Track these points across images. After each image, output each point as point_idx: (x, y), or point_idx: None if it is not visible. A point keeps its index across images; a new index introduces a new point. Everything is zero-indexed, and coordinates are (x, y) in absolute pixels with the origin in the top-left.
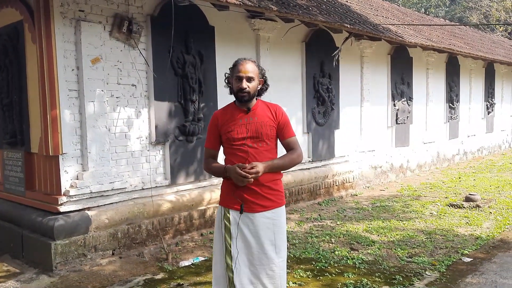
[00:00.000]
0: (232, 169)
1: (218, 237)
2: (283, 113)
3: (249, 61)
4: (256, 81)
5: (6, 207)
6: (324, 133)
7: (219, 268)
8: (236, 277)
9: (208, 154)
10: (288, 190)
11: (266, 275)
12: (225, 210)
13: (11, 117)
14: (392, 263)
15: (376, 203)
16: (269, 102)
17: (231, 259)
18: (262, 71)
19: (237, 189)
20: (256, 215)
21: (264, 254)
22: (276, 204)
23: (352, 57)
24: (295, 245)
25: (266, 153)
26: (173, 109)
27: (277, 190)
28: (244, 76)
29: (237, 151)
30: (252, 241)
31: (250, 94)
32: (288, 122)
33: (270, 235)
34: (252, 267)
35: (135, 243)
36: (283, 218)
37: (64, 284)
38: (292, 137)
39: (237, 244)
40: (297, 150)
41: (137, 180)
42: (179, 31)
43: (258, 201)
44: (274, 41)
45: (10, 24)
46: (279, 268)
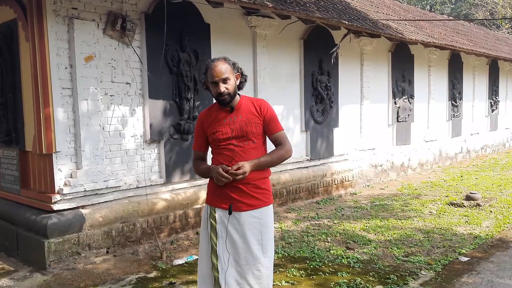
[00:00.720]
0: (214, 169)
1: (204, 236)
2: (268, 107)
3: (219, 61)
4: (232, 79)
5: (1, 206)
6: (322, 131)
7: (204, 267)
8: (222, 277)
9: (196, 156)
10: (286, 188)
11: (253, 275)
12: (211, 209)
13: (6, 116)
14: (388, 262)
15: (375, 202)
16: (253, 97)
17: (216, 259)
18: (235, 65)
19: (223, 188)
20: (243, 214)
21: (250, 254)
22: (263, 203)
23: (351, 54)
24: (290, 244)
25: (253, 151)
26: (168, 107)
27: (265, 188)
28: (219, 80)
29: (223, 150)
30: (239, 241)
31: (231, 95)
32: (275, 117)
33: (257, 235)
34: (238, 267)
35: (130, 241)
36: (271, 217)
37: (57, 282)
38: (280, 132)
39: (223, 243)
40: (286, 145)
41: (132, 179)
42: (173, 29)
43: (244, 199)
44: (271, 38)
45: (4, 23)
46: (265, 268)
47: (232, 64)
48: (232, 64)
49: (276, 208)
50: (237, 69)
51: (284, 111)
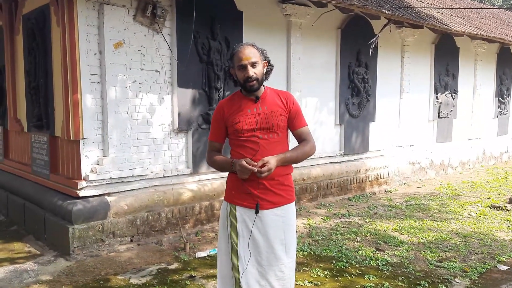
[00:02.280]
0: (237, 163)
1: (224, 235)
2: (294, 101)
3: (247, 45)
4: (260, 65)
5: (32, 189)
6: (358, 126)
7: (224, 268)
8: (243, 278)
9: (212, 147)
10: (317, 183)
11: (275, 276)
12: (231, 206)
13: (38, 101)
14: (419, 267)
15: (411, 201)
16: (278, 89)
17: (237, 259)
18: (263, 52)
19: (245, 184)
20: (265, 212)
21: (273, 254)
22: (286, 201)
23: (391, 45)
24: (317, 241)
25: (277, 145)
26: (197, 96)
27: (288, 185)
28: (248, 63)
29: (246, 143)
30: (261, 240)
31: (259, 81)
32: (300, 111)
33: (280, 234)
34: (260, 268)
35: (154, 230)
36: (293, 215)
37: (79, 269)
38: (305, 127)
39: (245, 243)
40: (310, 142)
41: (159, 168)
42: (205, 16)
43: (267, 197)
44: (306, 27)
45: (37, 8)
46: (288, 269)
47: (260, 50)
48: (260, 51)
49: (305, 203)
50: (265, 57)
51: (318, 103)
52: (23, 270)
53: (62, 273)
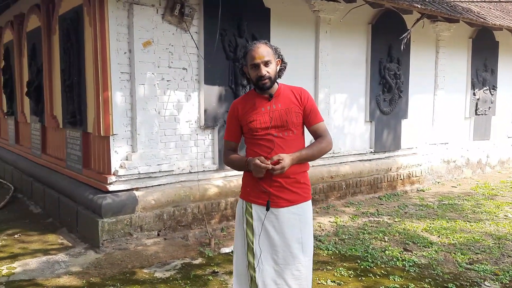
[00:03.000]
0: (251, 161)
1: (240, 233)
2: (308, 96)
3: (260, 44)
4: (273, 64)
5: (66, 183)
6: (389, 123)
7: (240, 266)
8: (259, 276)
9: (228, 146)
10: (345, 181)
11: (292, 275)
12: (247, 204)
13: (72, 98)
14: (448, 269)
15: (444, 200)
16: (292, 86)
17: (253, 257)
18: (277, 50)
19: (261, 182)
20: (281, 210)
21: (289, 253)
22: (302, 199)
23: (425, 40)
24: (343, 240)
25: (292, 142)
26: (223, 93)
27: (304, 183)
28: (261, 62)
29: (261, 141)
30: (277, 239)
31: (272, 80)
32: (315, 107)
33: (296, 233)
34: (276, 267)
35: (181, 225)
36: (310, 213)
37: (107, 261)
38: (320, 123)
39: (260, 241)
40: (326, 137)
41: (185, 164)
42: (232, 14)
43: (283, 195)
44: (335, 23)
45: (72, 8)
46: (305, 268)
47: (274, 48)
48: (274, 49)
49: (333, 201)
50: (278, 55)
51: (347, 99)
52: (55, 261)
53: (91, 265)
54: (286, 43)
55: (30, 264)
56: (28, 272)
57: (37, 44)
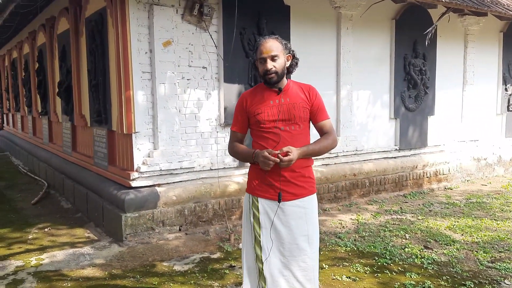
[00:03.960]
0: (259, 154)
1: (247, 226)
2: (316, 93)
3: (270, 39)
4: (282, 59)
5: (93, 179)
6: (415, 119)
7: (249, 259)
8: (266, 268)
9: (234, 137)
10: (369, 179)
11: (298, 267)
12: (254, 198)
13: (98, 97)
14: (468, 267)
15: (472, 198)
16: (301, 82)
17: (260, 250)
18: (287, 45)
19: (267, 176)
20: (287, 203)
21: (296, 245)
22: (307, 192)
23: (453, 35)
24: (363, 237)
25: (299, 137)
26: (243, 91)
27: (309, 177)
28: (267, 56)
29: (267, 134)
30: (283, 231)
31: (278, 74)
32: (322, 104)
33: (302, 225)
34: (283, 258)
35: (202, 221)
36: (315, 207)
37: (129, 254)
38: (326, 120)
39: (267, 234)
40: (332, 135)
41: (206, 161)
42: (251, 12)
43: (289, 189)
44: (357, 19)
45: (97, 11)
46: (311, 260)
47: (284, 44)
48: (283, 44)
49: (356, 199)
50: (289, 50)
51: (370, 96)
52: (80, 254)
53: (114, 257)
54: (307, 40)
55: (57, 256)
56: (55, 264)
57: (66, 46)
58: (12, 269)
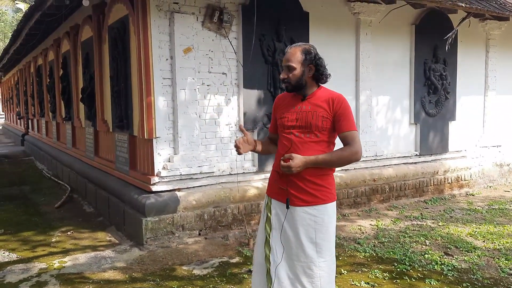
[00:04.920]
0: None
1: (261, 225)
2: (342, 103)
3: (293, 48)
4: (298, 70)
5: (115, 184)
6: (435, 125)
7: (259, 257)
8: (273, 269)
9: (269, 136)
10: (389, 184)
11: (304, 273)
12: (268, 199)
13: (120, 103)
14: (489, 274)
15: (494, 205)
16: (332, 91)
17: (269, 250)
18: (309, 56)
19: (281, 180)
20: (297, 209)
21: (302, 251)
22: (319, 201)
23: (474, 39)
24: (383, 243)
25: (312, 145)
26: (262, 97)
27: (323, 186)
28: (284, 66)
29: (283, 139)
30: (291, 235)
31: (292, 84)
32: (347, 114)
33: (310, 232)
34: (290, 262)
35: (221, 225)
36: (328, 216)
37: (150, 258)
38: (349, 132)
39: (277, 235)
40: (352, 147)
41: (225, 166)
42: (271, 19)
43: (299, 195)
44: (376, 25)
45: (119, 19)
46: (319, 269)
47: (305, 53)
48: (305, 54)
49: (376, 204)
50: (311, 61)
51: (390, 101)
52: (102, 257)
53: (135, 261)
54: (326, 46)
55: (80, 259)
56: (77, 266)
57: (90, 53)
58: (36, 271)
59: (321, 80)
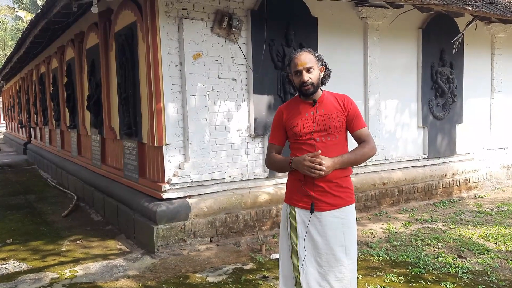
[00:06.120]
0: (298, 160)
1: (284, 236)
2: (351, 103)
3: (303, 51)
4: (316, 70)
5: (124, 192)
6: (443, 128)
7: (286, 268)
8: (303, 278)
9: (272, 149)
10: (398, 188)
11: (335, 277)
12: (291, 208)
13: (128, 110)
14: (504, 276)
15: (503, 207)
16: (336, 93)
17: (297, 259)
18: (320, 57)
19: (304, 186)
20: (324, 214)
21: (332, 256)
22: (345, 202)
23: (480, 43)
24: (395, 247)
25: (335, 147)
26: (272, 102)
27: (347, 187)
28: (303, 68)
29: (304, 145)
30: (320, 241)
31: (314, 85)
32: (358, 113)
33: (339, 235)
34: (320, 269)
35: (233, 232)
36: (353, 217)
37: (162, 266)
38: (363, 129)
39: (304, 244)
40: (370, 143)
41: (236, 172)
42: (280, 24)
43: (325, 199)
44: (384, 29)
45: (127, 25)
46: (349, 271)
47: (316, 56)
48: (316, 56)
49: (386, 208)
50: (322, 62)
51: (398, 105)
52: (113, 266)
53: (147, 269)
54: (334, 51)
55: (91, 268)
56: (89, 275)
57: (95, 60)
58: (48, 281)
59: (327, 80)
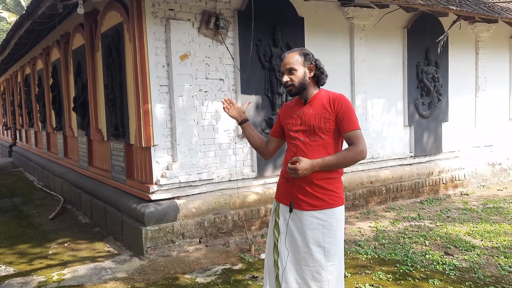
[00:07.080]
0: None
1: (270, 230)
2: (343, 103)
3: (290, 52)
4: (300, 71)
5: (112, 193)
6: (429, 126)
7: (269, 262)
8: (281, 274)
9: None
10: (385, 186)
11: (312, 277)
12: (277, 204)
13: (115, 111)
14: (490, 272)
15: (488, 204)
16: (333, 92)
17: (277, 255)
18: (308, 57)
19: (288, 185)
20: (304, 213)
21: (310, 255)
22: (327, 205)
23: (464, 42)
24: (383, 245)
25: (318, 148)
26: (260, 102)
27: (331, 190)
28: (284, 70)
29: (290, 144)
30: (299, 240)
31: (296, 86)
32: (350, 114)
33: (318, 236)
34: (298, 266)
35: (221, 232)
36: (336, 220)
37: (151, 267)
38: (353, 131)
39: (285, 240)
40: (358, 146)
41: (224, 172)
42: (266, 24)
43: (307, 199)
44: (370, 29)
45: (113, 26)
46: (327, 273)
47: (304, 55)
48: (303, 55)
49: (374, 206)
50: (311, 61)
51: (385, 104)
52: (102, 268)
53: (136, 271)
54: (321, 51)
55: (79, 271)
56: (77, 278)
57: (82, 61)
58: (35, 284)
59: (321, 80)
